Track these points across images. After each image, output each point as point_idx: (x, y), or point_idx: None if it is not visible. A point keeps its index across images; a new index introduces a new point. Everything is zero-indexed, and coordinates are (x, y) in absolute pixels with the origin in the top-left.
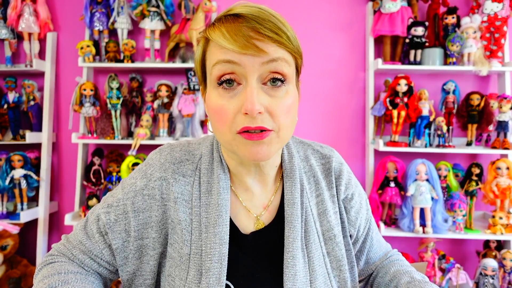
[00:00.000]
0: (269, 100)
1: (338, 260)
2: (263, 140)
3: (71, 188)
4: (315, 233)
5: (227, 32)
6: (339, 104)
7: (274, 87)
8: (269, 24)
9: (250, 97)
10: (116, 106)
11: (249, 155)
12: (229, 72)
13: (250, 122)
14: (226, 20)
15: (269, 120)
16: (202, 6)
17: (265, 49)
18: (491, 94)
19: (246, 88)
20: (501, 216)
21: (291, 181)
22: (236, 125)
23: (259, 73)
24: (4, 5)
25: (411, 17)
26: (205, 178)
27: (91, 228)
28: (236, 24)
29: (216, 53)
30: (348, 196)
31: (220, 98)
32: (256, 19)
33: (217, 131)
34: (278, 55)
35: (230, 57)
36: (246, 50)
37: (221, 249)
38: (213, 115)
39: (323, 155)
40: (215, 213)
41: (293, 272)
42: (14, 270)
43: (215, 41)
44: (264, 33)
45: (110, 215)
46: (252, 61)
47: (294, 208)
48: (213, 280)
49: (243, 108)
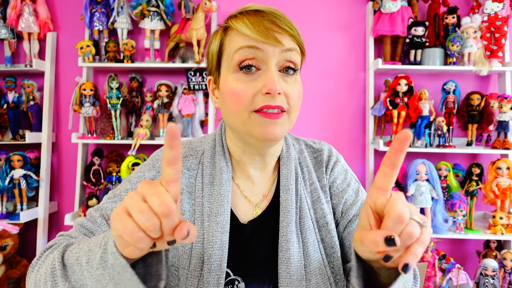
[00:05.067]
0: (285, 85)
1: (331, 247)
2: (278, 120)
3: (71, 188)
4: (309, 220)
5: (250, 23)
6: (339, 104)
7: (287, 74)
8: (285, 20)
9: (272, 78)
10: (116, 106)
11: (264, 132)
12: (251, 57)
13: (270, 101)
14: (248, 13)
15: (285, 102)
16: (202, 6)
17: (282, 40)
18: (491, 94)
19: (267, 71)
20: (502, 216)
21: (287, 169)
22: (255, 104)
23: (278, 60)
24: (4, 5)
25: (411, 17)
26: (208, 170)
27: (92, 215)
28: (258, 17)
29: (238, 41)
30: (333, 175)
31: (239, 82)
32: (275, 15)
33: (232, 112)
34: (293, 45)
35: (254, 43)
36: (267, 40)
37: (222, 237)
38: (231, 97)
39: (315, 150)
40: (217, 203)
41: (287, 256)
42: (13, 270)
43: (238, 30)
44: (282, 26)
45: (116, 204)
46: (273, 49)
47: (289, 194)
48: (214, 267)
49: (265, 88)
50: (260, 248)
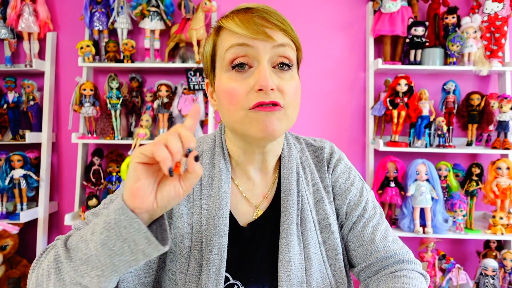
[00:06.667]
0: (279, 81)
1: (333, 249)
2: (274, 112)
3: (71, 188)
4: (311, 221)
5: (240, 21)
6: (339, 104)
7: (282, 70)
8: (276, 15)
9: (263, 74)
10: (116, 106)
11: (262, 127)
12: (242, 55)
13: (263, 97)
14: (238, 12)
15: (280, 97)
16: (202, 6)
17: (273, 35)
18: (491, 94)
19: (259, 68)
20: (502, 216)
21: (288, 169)
22: (250, 102)
23: (270, 56)
24: (4, 5)
25: (411, 17)
26: (207, 172)
27: (89, 219)
28: (248, 14)
29: (229, 39)
30: (336, 174)
31: (232, 81)
32: (265, 11)
33: (228, 112)
34: (285, 41)
35: (244, 41)
36: (257, 36)
37: (221, 241)
38: (225, 96)
39: (316, 148)
40: (216, 206)
41: (287, 258)
42: (13, 270)
43: (228, 29)
44: (273, 22)
45: None
46: (263, 45)
47: (290, 195)
48: (213, 271)
49: (257, 85)
50: (260, 250)
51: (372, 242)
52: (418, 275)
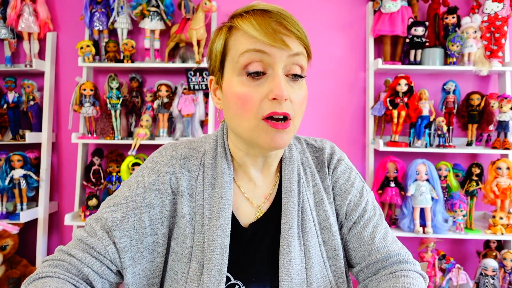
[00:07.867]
0: (290, 90)
1: (334, 250)
2: (286, 130)
3: (71, 188)
4: (311, 222)
5: (258, 24)
6: (339, 104)
7: (293, 79)
8: (293, 22)
9: (279, 84)
10: (116, 106)
11: (270, 141)
12: (257, 61)
13: (277, 107)
14: (254, 13)
15: (291, 107)
16: (202, 6)
17: (290, 44)
18: (491, 94)
19: (274, 76)
20: (502, 216)
21: (289, 170)
22: (263, 111)
23: (285, 64)
24: (4, 5)
25: (411, 17)
26: (209, 172)
27: (92, 227)
28: (265, 18)
29: (244, 42)
30: (336, 174)
31: (244, 86)
32: (282, 16)
33: (239, 118)
34: (300, 49)
35: (261, 47)
36: (275, 43)
37: (222, 241)
38: (236, 101)
39: (317, 148)
40: (218, 206)
41: (288, 259)
42: (13, 270)
43: (244, 31)
44: (290, 29)
45: (116, 213)
46: (280, 53)
47: (291, 196)
48: (214, 272)
49: (271, 94)
50: (261, 251)
51: (371, 242)
52: (417, 275)
